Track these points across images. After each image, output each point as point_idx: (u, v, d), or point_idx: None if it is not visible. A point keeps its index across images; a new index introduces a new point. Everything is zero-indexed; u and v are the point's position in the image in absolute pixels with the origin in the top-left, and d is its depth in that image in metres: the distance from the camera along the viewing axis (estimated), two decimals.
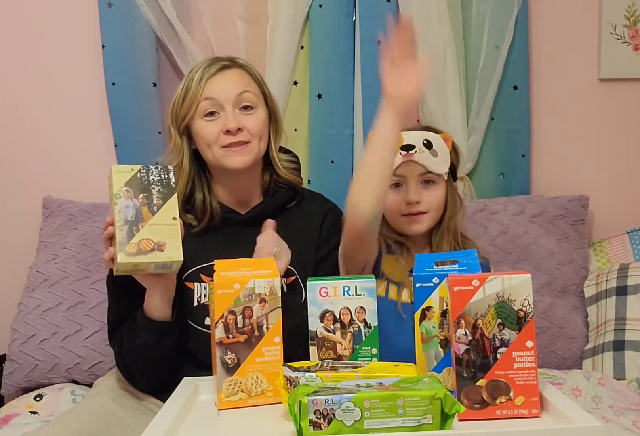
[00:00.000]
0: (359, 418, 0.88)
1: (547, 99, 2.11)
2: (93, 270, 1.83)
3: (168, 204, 1.17)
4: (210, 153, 1.37)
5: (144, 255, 1.13)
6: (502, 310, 0.97)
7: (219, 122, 1.36)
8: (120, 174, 1.16)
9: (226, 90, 1.36)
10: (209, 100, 1.36)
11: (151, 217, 1.15)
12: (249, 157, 1.37)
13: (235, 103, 1.37)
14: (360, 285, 1.10)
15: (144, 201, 1.16)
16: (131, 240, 1.13)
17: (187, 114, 1.37)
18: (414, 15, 1.97)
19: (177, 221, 1.17)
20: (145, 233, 1.14)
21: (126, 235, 1.13)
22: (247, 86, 1.39)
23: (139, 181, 1.16)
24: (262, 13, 1.98)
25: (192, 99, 1.36)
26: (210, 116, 1.37)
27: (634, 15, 2.09)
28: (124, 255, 1.12)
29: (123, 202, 1.15)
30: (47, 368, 1.75)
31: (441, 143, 1.39)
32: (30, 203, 2.02)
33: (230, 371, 1.06)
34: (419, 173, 1.36)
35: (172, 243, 1.15)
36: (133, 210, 1.15)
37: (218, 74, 1.37)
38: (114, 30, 1.95)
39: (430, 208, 1.37)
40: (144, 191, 1.16)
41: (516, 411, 0.96)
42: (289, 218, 1.46)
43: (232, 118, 1.35)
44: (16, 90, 2.03)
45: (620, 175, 2.15)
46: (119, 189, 1.15)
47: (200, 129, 1.37)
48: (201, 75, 1.36)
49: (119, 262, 1.12)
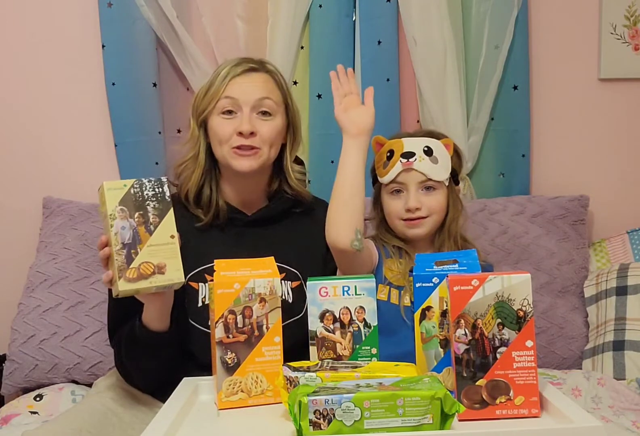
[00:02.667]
0: (358, 418, 0.88)
1: (547, 99, 2.11)
2: (93, 270, 1.83)
3: (165, 221, 1.13)
4: (221, 151, 1.37)
5: (145, 280, 1.10)
6: (501, 310, 0.97)
7: (235, 121, 1.36)
8: (112, 192, 1.11)
9: (247, 92, 1.36)
10: (228, 99, 1.36)
11: (149, 237, 1.11)
12: (256, 163, 1.37)
13: (253, 106, 1.36)
14: (360, 284, 1.10)
15: (140, 220, 1.12)
16: (131, 265, 1.10)
17: (206, 109, 1.38)
18: (414, 15, 1.98)
19: (175, 239, 1.14)
20: (144, 256, 1.11)
21: (125, 259, 1.10)
22: (269, 92, 1.38)
23: (132, 198, 1.12)
24: (262, 13, 1.98)
25: (213, 95, 1.36)
26: (227, 114, 1.37)
27: (634, 15, 2.09)
28: (125, 282, 1.09)
29: (119, 223, 1.10)
30: (47, 368, 1.75)
31: (442, 150, 1.38)
32: (30, 203, 2.02)
33: (230, 371, 1.06)
34: (419, 181, 1.36)
35: (172, 264, 1.12)
36: (130, 231, 1.11)
37: (244, 74, 1.38)
38: (114, 30, 1.95)
39: (431, 212, 1.37)
40: (139, 209, 1.12)
41: (516, 411, 0.96)
42: (294, 223, 1.46)
43: (247, 121, 1.35)
44: (16, 90, 2.03)
45: (620, 175, 2.15)
46: (113, 209, 1.10)
47: (216, 126, 1.37)
48: (227, 73, 1.37)
49: (120, 290, 1.10)
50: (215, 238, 1.41)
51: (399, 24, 2.00)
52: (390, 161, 1.37)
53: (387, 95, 1.99)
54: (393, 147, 1.38)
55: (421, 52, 2.00)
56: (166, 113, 2.00)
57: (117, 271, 1.09)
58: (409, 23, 1.99)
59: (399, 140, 1.39)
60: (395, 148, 1.37)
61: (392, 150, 1.37)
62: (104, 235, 1.14)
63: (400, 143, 1.37)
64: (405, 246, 1.40)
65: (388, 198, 1.40)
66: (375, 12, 1.97)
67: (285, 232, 1.43)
